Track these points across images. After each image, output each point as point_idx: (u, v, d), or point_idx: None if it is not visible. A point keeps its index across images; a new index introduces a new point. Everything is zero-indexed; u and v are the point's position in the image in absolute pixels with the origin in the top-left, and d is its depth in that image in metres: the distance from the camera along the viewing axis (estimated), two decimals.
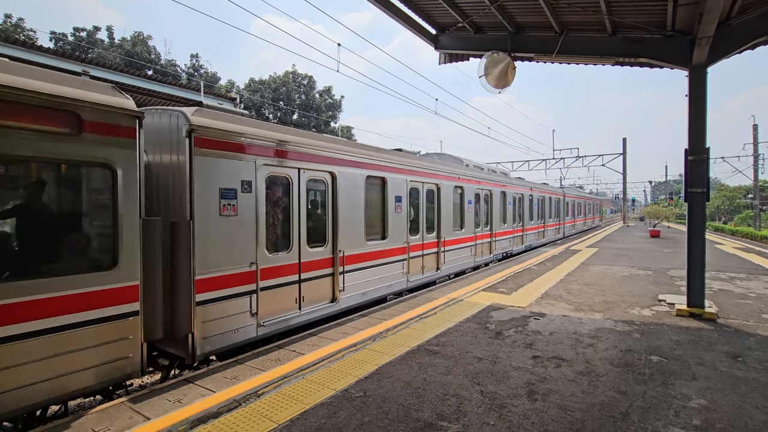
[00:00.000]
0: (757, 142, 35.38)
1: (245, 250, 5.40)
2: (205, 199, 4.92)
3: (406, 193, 9.08)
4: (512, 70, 7.72)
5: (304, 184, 6.44)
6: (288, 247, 6.20)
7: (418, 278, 9.57)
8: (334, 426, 3.28)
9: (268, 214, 5.87)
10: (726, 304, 7.25)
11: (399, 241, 8.82)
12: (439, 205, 10.52)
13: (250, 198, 5.48)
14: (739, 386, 3.98)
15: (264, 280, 5.67)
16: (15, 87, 3.39)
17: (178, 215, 4.79)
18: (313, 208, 6.85)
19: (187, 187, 4.74)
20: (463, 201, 11.85)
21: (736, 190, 56.00)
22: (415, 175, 9.46)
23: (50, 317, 3.56)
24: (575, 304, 7.35)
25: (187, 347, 4.74)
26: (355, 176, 7.48)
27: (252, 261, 5.48)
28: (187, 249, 4.71)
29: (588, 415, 3.42)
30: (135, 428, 3.30)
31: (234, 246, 5.26)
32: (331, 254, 6.95)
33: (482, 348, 5.06)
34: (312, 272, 6.58)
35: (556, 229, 23.31)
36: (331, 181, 6.97)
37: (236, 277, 5.27)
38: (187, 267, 4.71)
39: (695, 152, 6.43)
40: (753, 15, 6.02)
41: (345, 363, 4.62)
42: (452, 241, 11.13)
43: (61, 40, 33.47)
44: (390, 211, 8.51)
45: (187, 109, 4.97)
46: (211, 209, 4.99)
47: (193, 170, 4.77)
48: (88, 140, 3.83)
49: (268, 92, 41.84)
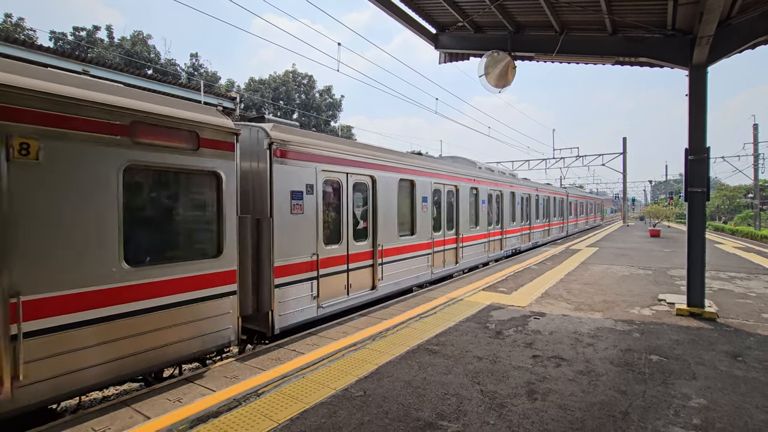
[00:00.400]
0: (757, 142, 35.37)
1: (309, 242, 6.42)
2: (281, 199, 5.92)
3: (431, 193, 10.02)
4: (512, 69, 7.71)
5: (351, 187, 7.39)
6: (339, 240, 7.15)
7: (441, 271, 10.47)
8: (334, 425, 3.28)
9: (325, 213, 6.85)
10: (726, 304, 7.25)
11: (425, 237, 9.77)
12: (458, 205, 11.46)
13: (312, 199, 6.45)
14: (739, 386, 3.98)
15: (322, 269, 6.68)
16: (161, 114, 4.35)
17: (261, 213, 5.80)
18: (357, 207, 7.73)
19: (268, 189, 5.77)
20: (478, 201, 12.83)
21: (736, 189, 56.00)
22: (438, 177, 10.39)
23: (177, 293, 4.48)
24: (575, 303, 7.36)
25: (268, 323, 5.78)
26: (390, 179, 8.44)
27: (313, 252, 6.49)
28: (268, 241, 5.74)
29: (588, 415, 3.42)
30: (135, 427, 3.31)
31: (301, 239, 6.28)
32: (371, 248, 7.92)
33: (482, 347, 5.06)
34: (357, 263, 7.56)
35: (560, 227, 24.28)
36: (371, 183, 7.95)
37: (302, 265, 6.28)
38: (269, 256, 5.74)
39: (695, 152, 6.43)
40: (753, 14, 6.01)
41: (345, 362, 4.62)
42: (469, 238, 12.11)
43: (61, 39, 33.45)
44: (418, 210, 9.46)
45: (267, 125, 5.90)
46: (285, 208, 5.99)
47: (272, 176, 5.78)
48: (204, 154, 4.81)
49: (268, 92, 41.82)
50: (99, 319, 3.85)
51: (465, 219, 11.83)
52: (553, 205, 22.59)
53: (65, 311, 3.64)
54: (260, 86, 42.01)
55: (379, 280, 7.99)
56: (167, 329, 4.37)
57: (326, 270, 6.76)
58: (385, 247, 8.17)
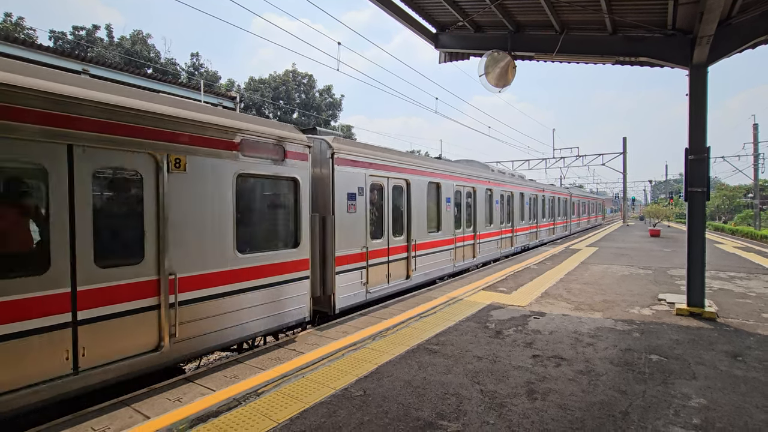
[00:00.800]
0: (757, 142, 35.36)
1: (360, 237, 7.60)
2: (340, 200, 7.08)
3: (453, 194, 11.19)
4: (512, 69, 7.70)
5: (390, 189, 8.59)
6: (381, 235, 8.30)
7: (461, 264, 11.64)
8: (334, 425, 3.28)
9: (371, 212, 7.95)
10: (726, 304, 7.25)
11: (449, 234, 10.94)
12: (475, 205, 12.67)
13: (362, 200, 7.60)
14: (739, 385, 3.98)
15: (371, 259, 7.83)
16: (261, 132, 5.51)
17: (324, 211, 6.94)
18: (395, 206, 8.81)
19: (330, 191, 6.94)
20: (492, 201, 14.03)
21: (736, 189, 55.99)
22: (458, 180, 11.58)
23: (270, 276, 5.64)
24: (575, 303, 7.36)
25: (331, 304, 6.95)
26: (421, 182, 9.61)
27: (363, 245, 7.64)
28: (331, 235, 6.85)
29: (588, 414, 3.42)
30: (134, 427, 3.30)
31: (354, 234, 7.45)
32: (406, 242, 9.09)
33: (482, 347, 5.06)
34: (396, 255, 8.73)
35: (564, 226, 25.57)
36: (406, 186, 9.11)
37: (355, 256, 7.43)
38: (331, 247, 6.84)
39: (695, 151, 6.42)
40: (754, 14, 6.01)
41: (345, 362, 4.62)
42: (484, 235, 13.34)
43: (61, 38, 33.43)
44: (443, 209, 10.60)
45: (328, 138, 7.10)
46: (343, 207, 7.15)
47: (334, 180, 6.95)
48: (287, 163, 5.96)
49: (268, 91, 41.80)
50: (221, 294, 4.98)
51: (481, 218, 13.01)
52: (558, 205, 23.81)
53: (202, 287, 4.78)
54: (260, 86, 41.98)
55: (413, 270, 9.20)
56: (264, 305, 5.54)
57: (373, 261, 7.93)
58: (417, 242, 9.36)
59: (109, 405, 3.74)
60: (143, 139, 4.24)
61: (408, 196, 9.08)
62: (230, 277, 5.07)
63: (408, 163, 9.17)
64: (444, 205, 10.62)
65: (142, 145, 4.22)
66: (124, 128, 4.09)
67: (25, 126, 3.45)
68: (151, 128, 4.30)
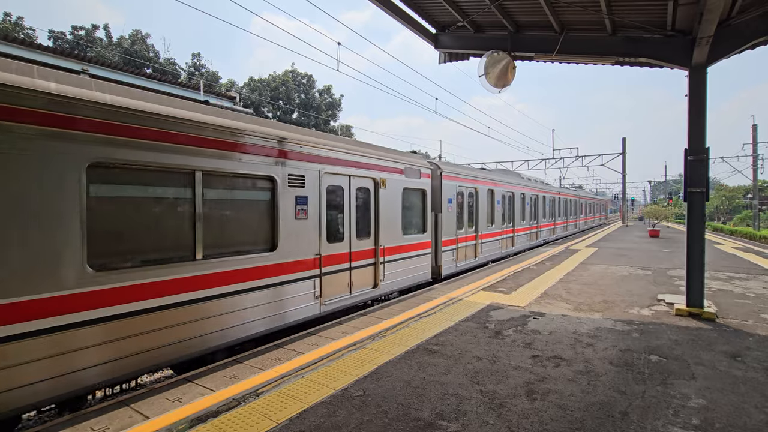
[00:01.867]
0: (756, 142, 35.40)
1: (453, 229, 11.26)
2: (445, 202, 10.74)
3: (500, 198, 14.96)
4: (512, 69, 7.70)
5: (467, 195, 12.37)
6: (462, 227, 11.93)
7: (506, 251, 15.59)
8: (334, 425, 3.27)
9: (458, 211, 11.69)
10: (725, 304, 7.26)
11: (498, 228, 14.81)
12: (514, 205, 16.61)
13: (454, 202, 11.29)
14: (738, 386, 3.99)
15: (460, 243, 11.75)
16: (416, 165, 9.51)
17: (436, 209, 10.55)
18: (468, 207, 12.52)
19: (440, 196, 10.62)
20: (524, 203, 18.08)
21: (735, 190, 56.04)
22: (504, 187, 15.45)
23: (416, 251, 9.35)
24: (574, 303, 7.36)
25: (440, 272, 10.58)
26: (484, 189, 13.51)
27: (454, 234, 11.34)
28: (440, 226, 10.59)
29: (587, 415, 3.42)
30: (134, 427, 3.30)
31: (452, 226, 11.18)
32: (475, 233, 12.83)
33: (481, 347, 5.06)
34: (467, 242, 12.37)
35: (575, 224, 30.52)
36: (476, 192, 12.87)
37: (450, 241, 11.04)
38: (440, 234, 10.58)
39: (695, 152, 6.43)
40: (753, 15, 6.01)
41: (344, 362, 4.61)
42: (519, 230, 17.37)
43: (60, 38, 33.39)
44: (496, 209, 14.58)
45: (439, 162, 11.23)
46: (446, 207, 10.84)
47: (442, 189, 10.68)
48: (422, 181, 9.68)
49: (268, 91, 41.76)
50: (399, 258, 8.76)
51: (518, 216, 17.10)
52: (569, 205, 28.14)
53: (392, 253, 8.44)
54: (259, 86, 41.95)
55: (480, 253, 13.03)
56: (412, 268, 9.23)
57: (462, 244, 11.82)
58: (481, 233, 13.17)
59: (108, 405, 3.74)
60: (373, 171, 7.95)
61: (476, 199, 12.94)
62: (401, 249, 8.79)
63: (476, 176, 13.19)
64: (497, 206, 14.62)
65: (371, 174, 7.90)
66: (370, 167, 7.90)
67: None
68: (376, 166, 8.04)
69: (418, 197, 9.64)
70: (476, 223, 12.80)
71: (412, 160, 9.30)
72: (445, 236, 10.50)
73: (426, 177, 9.81)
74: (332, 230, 6.98)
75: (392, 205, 8.44)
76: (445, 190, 10.73)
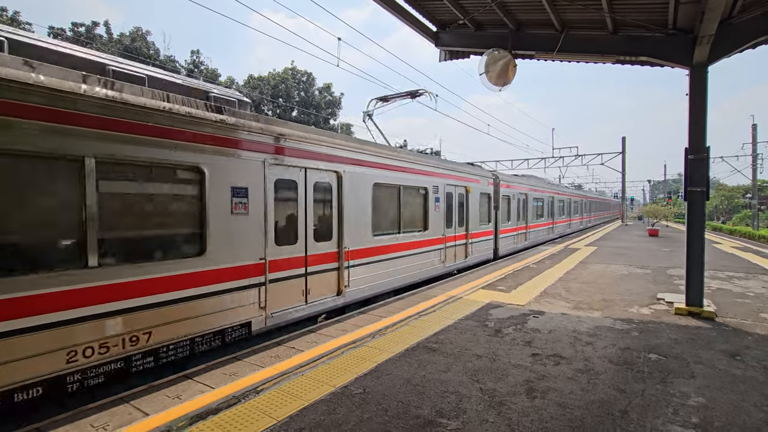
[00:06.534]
0: (755, 142, 35.41)
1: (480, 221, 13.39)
2: (501, 201, 14.84)
3: (531, 200, 18.71)
4: (513, 67, 7.68)
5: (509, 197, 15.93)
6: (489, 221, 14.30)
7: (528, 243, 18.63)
8: (333, 422, 3.28)
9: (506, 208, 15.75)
10: (724, 303, 7.27)
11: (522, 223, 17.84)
12: (544, 205, 21.15)
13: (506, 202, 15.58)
14: (738, 385, 3.99)
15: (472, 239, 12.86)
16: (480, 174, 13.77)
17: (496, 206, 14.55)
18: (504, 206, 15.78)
19: (498, 198, 14.68)
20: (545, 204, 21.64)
21: (734, 189, 56.08)
22: (536, 191, 19.74)
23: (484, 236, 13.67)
24: (574, 302, 7.37)
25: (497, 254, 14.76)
26: (519, 193, 17.12)
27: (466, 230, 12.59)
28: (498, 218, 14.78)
29: (587, 413, 3.43)
30: (133, 424, 3.30)
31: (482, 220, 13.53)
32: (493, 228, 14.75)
33: (481, 345, 5.06)
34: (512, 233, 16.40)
35: (587, 221, 36.24)
36: (494, 193, 14.72)
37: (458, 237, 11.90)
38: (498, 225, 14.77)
39: (695, 151, 6.42)
40: (755, 14, 6.00)
41: (344, 360, 4.62)
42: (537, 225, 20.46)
43: (60, 35, 33.26)
44: (530, 209, 18.66)
45: (497, 172, 16.00)
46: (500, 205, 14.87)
47: (498, 193, 14.66)
48: (487, 188, 14.02)
49: (267, 89, 41.68)
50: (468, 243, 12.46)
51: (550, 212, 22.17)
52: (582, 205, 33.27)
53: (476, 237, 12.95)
54: (259, 83, 41.85)
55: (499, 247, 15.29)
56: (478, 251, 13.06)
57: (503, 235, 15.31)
58: (501, 228, 15.35)
59: (108, 402, 3.74)
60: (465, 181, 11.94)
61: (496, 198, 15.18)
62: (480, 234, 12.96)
63: (516, 181, 16.93)
64: (530, 207, 18.61)
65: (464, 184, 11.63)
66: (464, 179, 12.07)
67: None
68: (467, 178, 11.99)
69: (488, 199, 13.87)
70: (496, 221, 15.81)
71: (482, 173, 13.65)
72: (474, 229, 12.90)
73: (491, 184, 14.05)
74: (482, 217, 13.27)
75: (477, 204, 12.91)
76: (503, 192, 15.01)
